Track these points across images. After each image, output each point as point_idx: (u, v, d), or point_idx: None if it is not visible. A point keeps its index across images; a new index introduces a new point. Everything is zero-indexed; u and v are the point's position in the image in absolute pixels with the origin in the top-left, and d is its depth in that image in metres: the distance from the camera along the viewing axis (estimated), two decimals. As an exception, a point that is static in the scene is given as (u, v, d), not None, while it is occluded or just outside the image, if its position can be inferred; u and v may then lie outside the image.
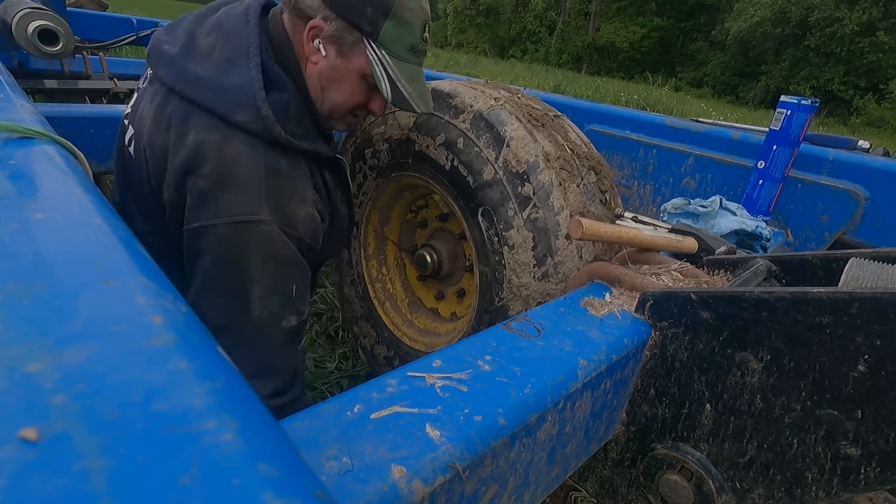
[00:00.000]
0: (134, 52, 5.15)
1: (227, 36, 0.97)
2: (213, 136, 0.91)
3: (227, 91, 0.92)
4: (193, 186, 0.90)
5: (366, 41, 0.98)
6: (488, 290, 1.26)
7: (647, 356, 0.80)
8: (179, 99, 0.95)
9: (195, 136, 0.91)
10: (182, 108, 0.94)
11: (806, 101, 1.51)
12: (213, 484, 0.25)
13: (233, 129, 0.92)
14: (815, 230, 1.61)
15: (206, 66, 0.95)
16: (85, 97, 2.56)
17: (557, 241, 1.12)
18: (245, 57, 0.94)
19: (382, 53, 0.99)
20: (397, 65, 1.00)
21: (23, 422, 0.26)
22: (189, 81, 0.94)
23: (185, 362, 0.33)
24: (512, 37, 38.29)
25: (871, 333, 0.61)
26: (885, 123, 21.18)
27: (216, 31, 0.99)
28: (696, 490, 0.78)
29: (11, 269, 0.38)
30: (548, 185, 1.13)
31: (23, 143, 0.66)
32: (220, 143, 0.90)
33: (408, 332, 1.64)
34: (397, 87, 1.01)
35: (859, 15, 22.21)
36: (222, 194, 0.89)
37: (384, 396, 0.54)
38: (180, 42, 0.99)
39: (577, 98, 2.51)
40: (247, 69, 0.93)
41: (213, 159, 0.89)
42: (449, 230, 1.55)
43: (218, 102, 0.92)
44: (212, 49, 0.96)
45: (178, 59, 0.97)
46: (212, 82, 0.93)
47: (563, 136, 1.25)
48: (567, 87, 11.43)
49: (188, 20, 1.04)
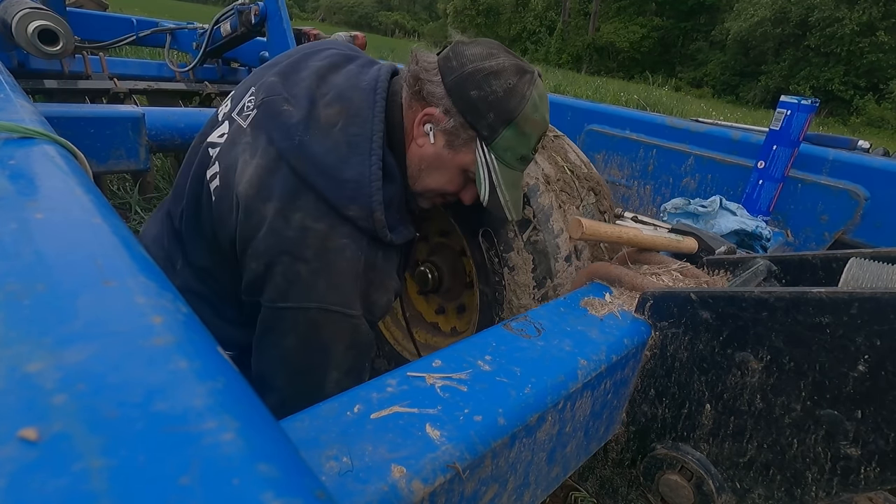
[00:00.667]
0: (134, 52, 5.15)
1: (351, 115, 0.93)
2: (321, 224, 0.88)
3: (344, 183, 0.88)
4: (290, 268, 0.88)
5: (479, 142, 0.96)
6: (489, 309, 1.27)
7: (647, 356, 0.80)
8: (290, 171, 0.89)
9: (302, 220, 0.88)
10: (291, 184, 0.89)
11: (806, 101, 1.51)
12: (213, 484, 0.25)
13: (341, 220, 0.89)
14: (815, 230, 1.61)
15: (326, 145, 0.90)
16: (85, 97, 2.56)
17: (557, 263, 1.13)
18: (368, 147, 0.90)
19: (491, 158, 0.97)
20: (502, 170, 0.98)
21: (23, 422, 0.26)
22: (305, 159, 0.89)
23: (185, 362, 0.33)
24: (512, 37, 38.28)
25: (871, 333, 0.61)
26: (885, 123, 21.19)
27: (340, 102, 0.94)
28: (696, 490, 0.78)
29: (11, 269, 0.38)
30: (548, 208, 1.14)
31: (23, 143, 0.66)
32: (326, 233, 0.88)
33: (408, 346, 1.64)
34: (496, 193, 0.99)
35: (859, 15, 22.22)
36: (320, 282, 0.88)
37: (384, 396, 0.54)
38: (302, 108, 0.93)
39: (577, 98, 2.51)
40: (368, 163, 0.89)
41: (316, 248, 0.88)
42: (450, 245, 1.55)
43: (331, 192, 0.88)
44: (333, 124, 0.92)
45: (297, 130, 0.91)
46: (330, 168, 0.89)
47: (562, 158, 1.26)
48: (567, 87, 11.43)
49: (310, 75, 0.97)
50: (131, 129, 1.53)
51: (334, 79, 0.98)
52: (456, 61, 0.94)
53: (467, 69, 0.93)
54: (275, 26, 2.56)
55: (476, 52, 0.94)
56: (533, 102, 0.95)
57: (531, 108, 0.95)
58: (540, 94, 0.97)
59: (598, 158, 2.07)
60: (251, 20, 2.56)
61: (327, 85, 0.97)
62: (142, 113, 1.56)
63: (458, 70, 0.93)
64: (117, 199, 2.83)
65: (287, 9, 2.61)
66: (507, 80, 0.93)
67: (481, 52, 0.94)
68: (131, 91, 2.71)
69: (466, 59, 0.93)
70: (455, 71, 0.93)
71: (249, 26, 2.58)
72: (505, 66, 0.93)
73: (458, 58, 0.94)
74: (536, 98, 0.96)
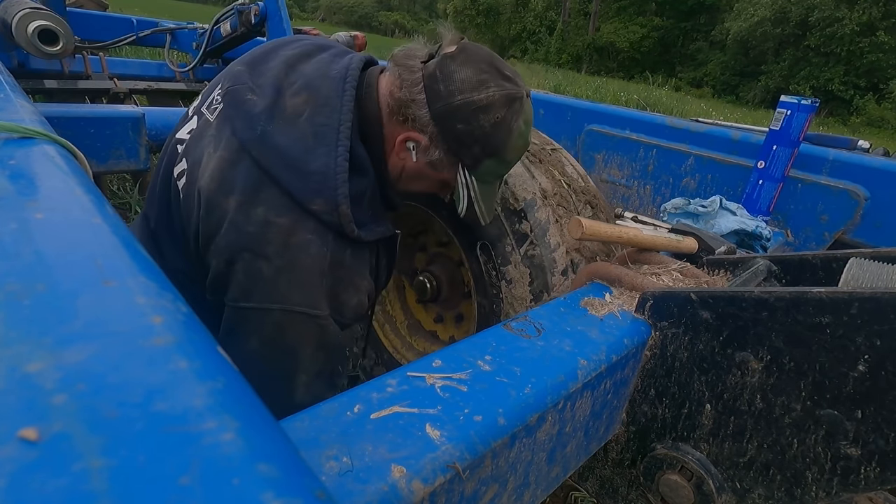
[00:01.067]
0: (134, 52, 5.15)
1: (319, 104, 0.88)
2: (284, 219, 0.84)
3: (309, 175, 0.84)
4: (252, 266, 0.85)
5: (461, 168, 0.96)
6: (486, 321, 1.27)
7: (647, 356, 0.80)
8: (252, 163, 0.86)
9: (264, 215, 0.84)
10: (254, 176, 0.85)
11: (806, 101, 1.51)
12: (213, 484, 0.25)
13: (306, 215, 0.85)
14: (815, 230, 1.61)
15: (291, 135, 0.86)
16: (85, 97, 2.56)
17: (554, 277, 1.14)
18: (335, 137, 0.86)
19: (472, 179, 0.97)
20: (480, 187, 0.98)
21: (23, 422, 0.26)
22: (269, 150, 0.85)
23: (185, 362, 0.33)
24: (512, 37, 38.30)
25: (871, 333, 0.61)
26: (885, 123, 21.19)
27: (307, 91, 0.90)
28: (696, 490, 0.78)
29: (11, 269, 0.38)
30: (545, 223, 1.15)
31: (23, 143, 0.66)
32: (289, 228, 0.84)
33: (407, 354, 1.65)
34: (473, 206, 1.00)
35: (859, 15, 22.22)
36: (282, 281, 0.84)
37: (384, 396, 0.54)
38: (266, 97, 0.89)
39: (577, 98, 2.51)
40: (334, 154, 0.85)
41: (278, 244, 0.84)
42: (448, 255, 1.55)
43: (295, 185, 0.84)
44: (299, 114, 0.88)
45: (260, 119, 0.87)
46: (294, 160, 0.85)
47: (560, 171, 1.27)
48: (567, 87, 11.42)
49: (278, 64, 0.94)
50: (131, 129, 1.53)
51: (304, 68, 0.94)
52: (443, 86, 0.89)
53: (455, 101, 0.88)
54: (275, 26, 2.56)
55: (465, 77, 0.88)
56: (519, 132, 0.93)
57: (517, 138, 0.93)
58: (526, 119, 0.94)
59: (598, 158, 2.07)
60: (251, 20, 2.56)
61: (296, 74, 0.93)
62: (142, 113, 1.56)
63: (446, 99, 0.88)
64: (117, 199, 2.83)
65: (287, 9, 2.61)
66: (496, 113, 0.89)
67: (471, 78, 0.88)
68: (131, 91, 2.71)
69: (455, 88, 0.88)
70: (443, 99, 0.89)
71: (249, 26, 2.57)
72: (494, 100, 0.89)
73: (446, 82, 0.89)
74: (522, 126, 0.93)
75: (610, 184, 2.05)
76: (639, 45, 31.45)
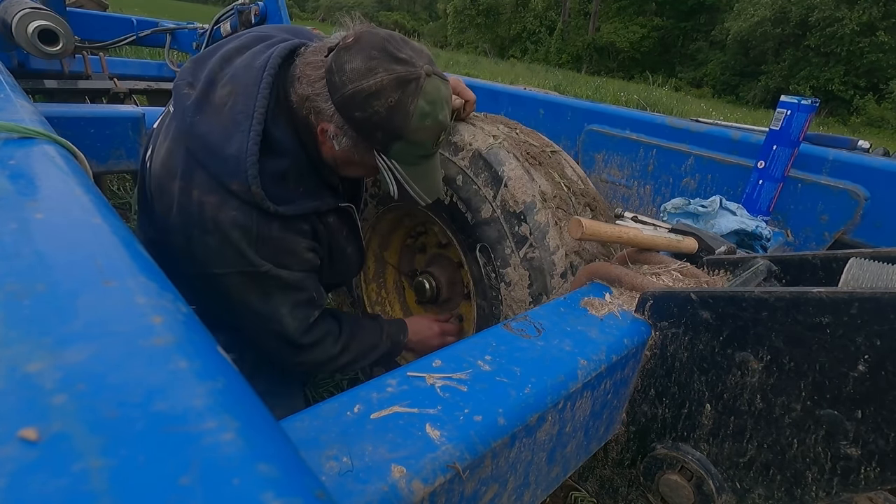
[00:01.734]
0: (134, 52, 5.15)
1: (238, 94, 0.95)
2: (213, 197, 0.94)
3: (226, 159, 0.92)
4: (202, 241, 0.96)
5: (376, 152, 0.98)
6: (485, 323, 1.27)
7: (647, 356, 0.80)
8: (185, 150, 0.96)
9: (199, 196, 0.95)
10: (187, 162, 0.96)
11: (806, 101, 1.51)
12: (213, 484, 0.25)
13: (229, 194, 0.94)
14: (815, 230, 1.61)
15: (215, 124, 0.94)
16: (85, 97, 2.56)
17: (553, 280, 1.14)
18: (248, 123, 0.93)
19: (392, 162, 0.99)
20: (407, 169, 1.01)
21: (23, 422, 0.26)
22: (195, 138, 0.95)
23: (185, 362, 0.33)
24: (512, 37, 38.30)
25: (871, 333, 0.61)
26: (885, 123, 21.18)
27: (232, 83, 0.96)
28: (696, 490, 0.78)
29: (11, 269, 0.38)
30: (544, 226, 1.15)
31: (23, 143, 0.66)
32: (217, 206, 0.94)
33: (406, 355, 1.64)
34: (404, 188, 1.03)
35: (859, 15, 22.21)
36: (225, 251, 0.97)
37: (384, 396, 0.54)
38: (199, 89, 0.97)
39: (577, 98, 2.51)
40: (246, 139, 0.92)
41: (213, 219, 0.95)
42: (448, 256, 1.55)
43: (216, 168, 0.93)
44: (224, 104, 0.95)
45: (190, 110, 0.96)
46: (215, 146, 0.93)
47: (559, 174, 1.27)
48: (567, 87, 11.42)
49: (216, 59, 1.01)
50: (131, 129, 1.53)
51: (237, 61, 1.01)
52: (338, 77, 0.91)
53: (348, 91, 0.90)
54: (275, 26, 2.56)
55: (355, 67, 0.90)
56: (420, 113, 0.92)
57: (418, 119, 0.93)
58: (430, 99, 0.93)
59: (598, 158, 2.07)
60: (251, 20, 2.56)
61: (229, 66, 1.00)
62: (142, 113, 1.56)
63: (341, 89, 0.91)
64: (117, 199, 2.83)
65: (287, 9, 2.61)
66: (388, 98, 0.90)
67: (360, 67, 0.90)
68: (131, 91, 2.70)
69: (347, 78, 0.90)
70: (339, 90, 0.91)
71: (249, 26, 2.57)
72: (383, 85, 0.89)
73: (340, 73, 0.91)
74: (424, 106, 0.92)
75: (610, 184, 2.05)
76: (639, 45, 31.44)
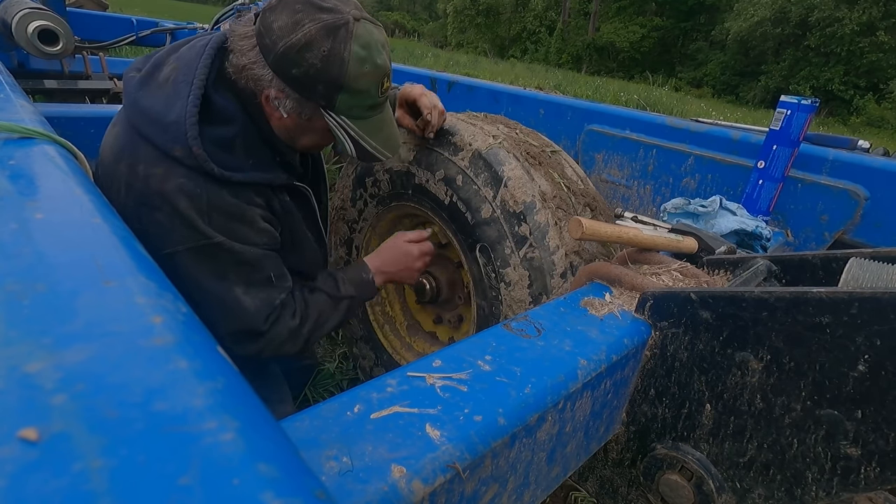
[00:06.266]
0: (134, 52, 5.15)
1: (181, 68, 0.96)
2: (158, 169, 0.93)
3: (167, 127, 0.92)
4: (152, 218, 0.94)
5: (322, 110, 0.98)
6: (485, 323, 1.27)
7: (647, 356, 0.80)
8: (130, 127, 0.96)
9: (145, 170, 0.93)
10: (133, 139, 0.95)
11: (806, 101, 1.51)
12: (213, 484, 0.25)
13: (174, 162, 0.93)
14: (815, 230, 1.61)
15: (156, 97, 0.95)
16: (85, 97, 2.56)
17: (553, 279, 1.14)
18: (188, 90, 0.93)
19: (341, 119, 0.98)
20: (358, 123, 1.00)
21: (23, 422, 0.26)
22: (138, 112, 0.95)
23: (185, 362, 0.33)
24: (512, 37, 38.29)
25: (871, 333, 0.61)
26: (885, 123, 21.18)
27: (177, 61, 0.98)
28: (696, 490, 0.78)
29: (11, 269, 0.38)
30: (544, 226, 1.15)
31: (23, 143, 0.66)
32: (163, 177, 0.93)
33: (406, 355, 1.65)
34: (361, 145, 1.02)
35: (859, 15, 22.21)
36: (175, 225, 0.94)
37: (384, 396, 0.54)
38: (143, 72, 0.99)
39: (577, 98, 2.50)
40: (185, 104, 0.92)
41: (159, 192, 0.93)
42: (448, 257, 1.55)
43: (159, 137, 0.93)
44: (167, 80, 0.96)
45: (134, 88, 0.97)
46: (156, 115, 0.93)
47: (559, 174, 1.27)
48: (567, 87, 11.41)
49: (165, 50, 1.03)
50: (131, 129, 1.53)
51: (184, 47, 1.02)
52: (268, 38, 0.91)
53: (279, 49, 0.90)
54: (275, 26, 2.55)
55: (281, 24, 0.90)
56: (356, 59, 0.92)
57: (355, 65, 0.92)
58: (363, 43, 0.92)
59: (598, 158, 2.07)
60: (251, 20, 2.55)
61: (177, 52, 1.01)
62: (142, 113, 1.55)
63: (273, 49, 0.91)
64: (117, 199, 2.82)
65: (287, 9, 2.60)
66: (320, 48, 0.90)
67: (286, 23, 0.90)
68: (131, 91, 2.70)
69: (276, 37, 0.90)
70: (271, 50, 0.91)
71: (249, 26, 2.57)
72: (312, 35, 0.89)
73: (268, 34, 0.91)
74: (359, 51, 0.92)
75: (610, 184, 2.05)
76: (639, 45, 31.44)
